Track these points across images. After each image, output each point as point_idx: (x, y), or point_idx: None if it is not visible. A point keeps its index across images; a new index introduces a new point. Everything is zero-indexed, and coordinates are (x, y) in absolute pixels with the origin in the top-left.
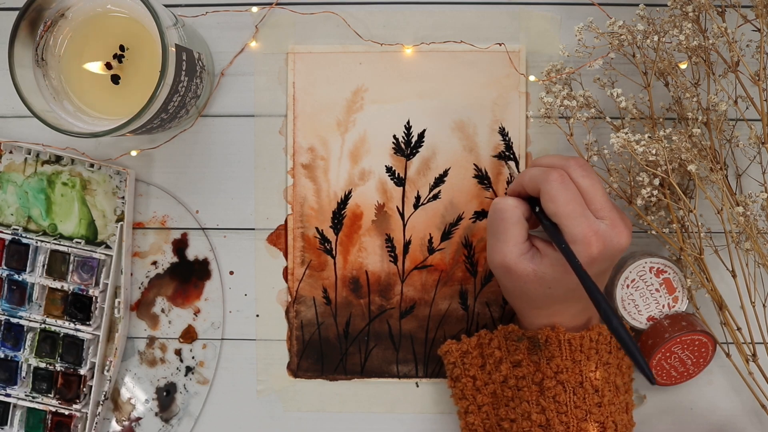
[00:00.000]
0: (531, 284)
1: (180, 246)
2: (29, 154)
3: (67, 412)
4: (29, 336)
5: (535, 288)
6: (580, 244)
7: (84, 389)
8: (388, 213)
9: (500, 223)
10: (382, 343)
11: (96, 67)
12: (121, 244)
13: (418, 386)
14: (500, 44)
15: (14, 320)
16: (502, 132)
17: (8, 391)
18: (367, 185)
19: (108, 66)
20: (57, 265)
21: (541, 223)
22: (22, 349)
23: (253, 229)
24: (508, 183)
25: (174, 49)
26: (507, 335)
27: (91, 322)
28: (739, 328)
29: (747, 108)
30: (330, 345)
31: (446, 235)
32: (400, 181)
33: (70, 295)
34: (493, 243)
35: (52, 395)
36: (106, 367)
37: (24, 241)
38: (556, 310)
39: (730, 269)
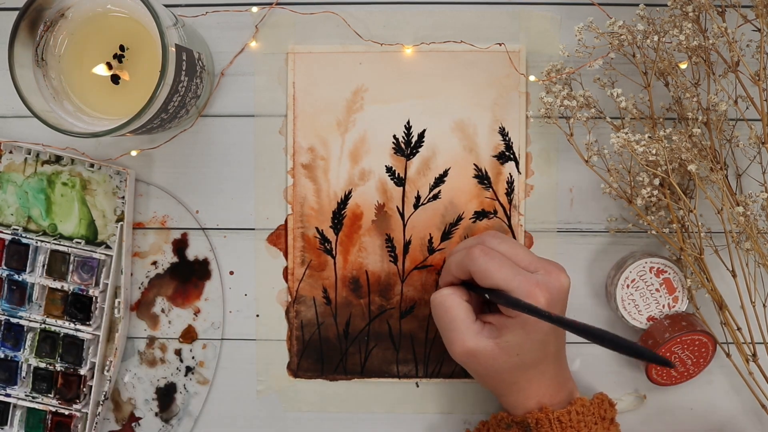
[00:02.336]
0: (499, 359)
1: (180, 246)
2: (29, 154)
3: (67, 412)
4: (29, 336)
5: (504, 361)
6: (527, 300)
7: (84, 389)
8: (388, 213)
9: (445, 314)
10: (382, 343)
11: (100, 69)
12: (121, 244)
13: (418, 386)
14: (500, 44)
15: (14, 320)
16: (502, 132)
17: (8, 391)
18: (367, 185)
19: (108, 66)
20: (57, 265)
21: (486, 296)
22: (22, 349)
23: (253, 229)
24: (508, 183)
25: (174, 49)
26: (498, 423)
27: (91, 322)
28: (739, 328)
29: (747, 108)
30: (330, 345)
31: (446, 235)
32: (400, 181)
33: (70, 295)
34: (447, 336)
35: (52, 395)
36: (106, 367)
37: (24, 241)
38: (534, 381)
39: (730, 269)
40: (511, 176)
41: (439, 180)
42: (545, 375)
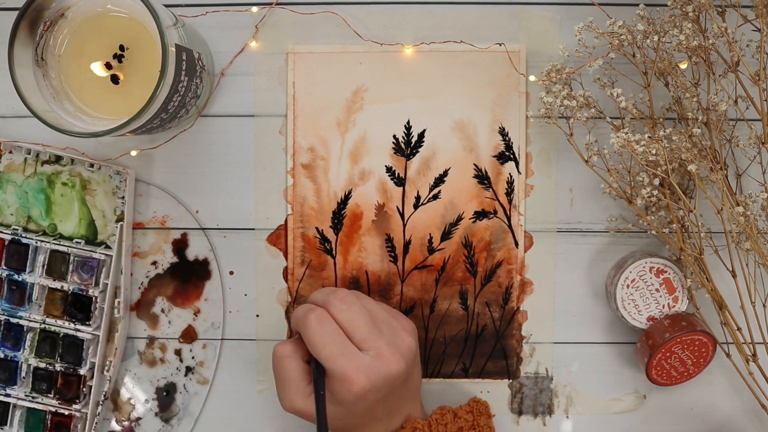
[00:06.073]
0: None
1: (180, 246)
2: (29, 154)
3: (66, 412)
4: (29, 336)
5: (331, 418)
6: (340, 383)
7: (84, 389)
8: (388, 213)
9: (281, 371)
10: None
11: (97, 67)
12: (121, 244)
13: None
14: (500, 44)
15: (14, 320)
16: (502, 132)
17: (8, 391)
18: (367, 185)
19: (108, 66)
20: (57, 265)
21: (312, 361)
22: (22, 349)
23: (253, 229)
24: (508, 183)
25: (174, 49)
26: None
27: (90, 322)
28: (739, 328)
29: (747, 108)
30: None
31: (446, 235)
32: (400, 181)
33: (70, 295)
34: (279, 391)
35: (51, 395)
36: (106, 367)
37: (24, 241)
38: (368, 424)
39: (730, 269)
40: (511, 176)
41: (439, 180)
42: (379, 424)
